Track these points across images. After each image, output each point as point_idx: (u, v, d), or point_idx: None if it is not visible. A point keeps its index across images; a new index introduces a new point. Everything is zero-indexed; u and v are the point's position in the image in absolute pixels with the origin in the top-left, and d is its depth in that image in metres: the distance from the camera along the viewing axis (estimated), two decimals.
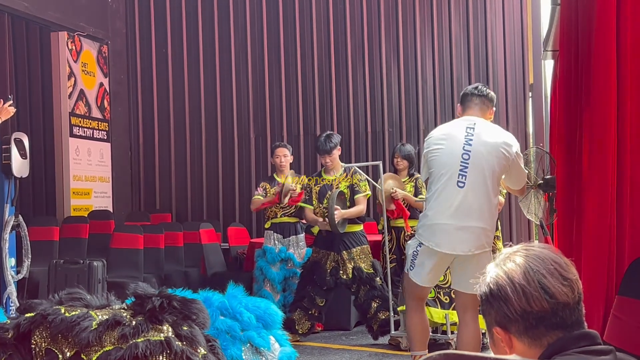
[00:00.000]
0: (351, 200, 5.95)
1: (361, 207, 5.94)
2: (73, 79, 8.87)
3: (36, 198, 8.97)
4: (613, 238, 2.96)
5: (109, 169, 9.46)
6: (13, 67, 8.72)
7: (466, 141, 4.07)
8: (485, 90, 4.29)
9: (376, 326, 5.91)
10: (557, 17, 4.19)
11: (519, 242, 1.64)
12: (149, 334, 2.68)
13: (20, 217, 6.06)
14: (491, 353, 1.61)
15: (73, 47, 8.90)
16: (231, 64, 9.52)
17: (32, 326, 2.74)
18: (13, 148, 5.99)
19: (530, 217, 4.46)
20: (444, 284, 5.57)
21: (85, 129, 9.05)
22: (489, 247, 4.11)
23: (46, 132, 8.97)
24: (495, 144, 4.07)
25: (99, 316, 2.74)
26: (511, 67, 8.50)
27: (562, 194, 3.65)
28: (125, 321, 2.72)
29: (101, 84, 9.42)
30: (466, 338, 4.14)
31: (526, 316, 1.50)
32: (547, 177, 4.25)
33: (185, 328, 2.78)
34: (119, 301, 2.97)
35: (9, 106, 5.57)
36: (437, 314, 5.55)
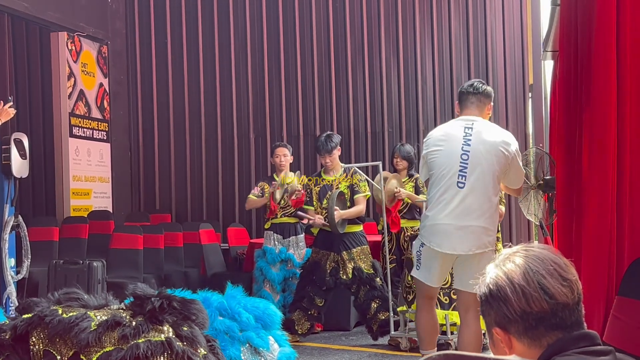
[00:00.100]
0: (351, 200, 5.96)
1: (361, 207, 5.95)
2: (73, 80, 8.87)
3: (36, 198, 8.97)
4: (613, 238, 2.96)
5: (109, 170, 9.45)
6: (13, 68, 8.72)
7: (465, 141, 4.08)
8: (480, 87, 4.29)
9: (376, 326, 5.91)
10: (557, 18, 4.18)
11: (519, 243, 1.63)
12: (150, 335, 2.68)
13: (20, 218, 6.06)
14: (491, 354, 1.60)
15: (73, 48, 8.90)
16: (231, 64, 9.52)
17: (30, 327, 2.74)
18: (13, 148, 5.98)
19: (530, 218, 4.45)
20: (444, 285, 5.56)
21: (85, 130, 9.04)
22: (491, 247, 4.11)
23: (46, 133, 8.96)
24: (494, 143, 4.08)
25: (98, 317, 2.74)
26: (511, 68, 8.50)
27: (562, 195, 3.65)
28: (125, 322, 2.72)
29: (101, 85, 9.42)
30: (467, 338, 4.14)
31: (526, 317, 1.49)
32: (547, 178, 4.24)
33: (185, 328, 2.77)
34: (117, 301, 2.97)
35: (9, 108, 5.57)
36: (437, 315, 5.54)
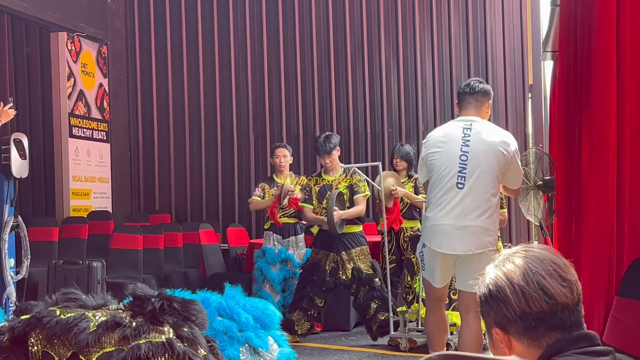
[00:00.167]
0: (350, 200, 5.96)
1: (360, 208, 5.94)
2: (72, 80, 8.86)
3: (35, 199, 8.96)
4: (613, 239, 2.96)
5: (109, 170, 9.45)
6: (13, 68, 8.71)
7: (463, 142, 4.09)
8: (477, 86, 4.30)
9: (375, 327, 5.91)
10: (557, 18, 4.19)
11: (519, 243, 1.63)
12: (150, 336, 2.67)
13: (19, 218, 6.05)
14: (491, 354, 1.60)
15: (72, 48, 8.89)
16: (231, 65, 9.52)
17: (28, 329, 2.74)
18: (12, 149, 5.98)
19: (529, 218, 4.46)
20: None
21: (84, 130, 9.04)
22: (492, 247, 4.10)
23: (45, 133, 8.96)
24: (493, 143, 4.08)
25: (96, 317, 2.73)
26: (511, 68, 8.50)
27: (562, 195, 3.66)
28: (125, 322, 2.71)
29: (101, 85, 9.41)
30: (467, 338, 4.13)
31: (525, 317, 1.49)
32: (547, 178, 4.25)
33: (186, 329, 2.77)
34: (116, 301, 2.96)
35: (9, 109, 5.56)
36: None
